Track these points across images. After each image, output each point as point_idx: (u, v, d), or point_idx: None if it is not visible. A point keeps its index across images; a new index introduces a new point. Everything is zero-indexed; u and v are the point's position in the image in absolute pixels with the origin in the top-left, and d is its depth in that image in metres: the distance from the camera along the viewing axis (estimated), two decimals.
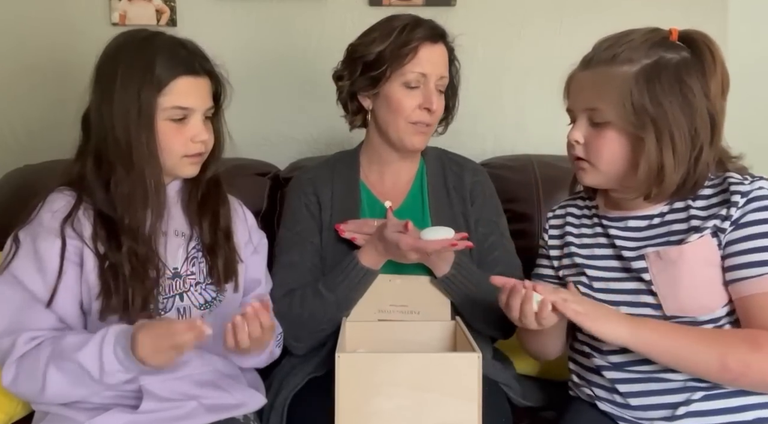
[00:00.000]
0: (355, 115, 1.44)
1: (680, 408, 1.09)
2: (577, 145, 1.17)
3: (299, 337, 1.35)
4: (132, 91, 1.12)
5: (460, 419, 1.06)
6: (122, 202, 1.14)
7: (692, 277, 1.09)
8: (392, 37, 1.33)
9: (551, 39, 1.96)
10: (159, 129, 1.14)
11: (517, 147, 1.96)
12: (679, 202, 1.15)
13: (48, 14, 1.92)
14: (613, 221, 1.21)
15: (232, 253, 1.26)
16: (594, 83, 1.14)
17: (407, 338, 1.26)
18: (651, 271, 1.12)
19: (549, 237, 1.32)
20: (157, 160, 1.15)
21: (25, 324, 1.11)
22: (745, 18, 1.93)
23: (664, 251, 1.12)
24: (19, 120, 1.97)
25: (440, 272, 1.31)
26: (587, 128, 1.15)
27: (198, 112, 1.18)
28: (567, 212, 1.32)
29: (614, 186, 1.18)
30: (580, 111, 1.16)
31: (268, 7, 1.93)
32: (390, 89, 1.35)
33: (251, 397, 1.25)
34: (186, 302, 1.21)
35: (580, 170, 1.19)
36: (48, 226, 1.14)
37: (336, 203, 1.42)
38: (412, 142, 1.38)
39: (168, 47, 1.16)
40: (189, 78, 1.16)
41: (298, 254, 1.39)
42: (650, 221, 1.17)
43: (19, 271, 1.12)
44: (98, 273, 1.13)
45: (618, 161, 1.13)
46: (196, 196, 1.26)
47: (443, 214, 1.42)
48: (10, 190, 1.66)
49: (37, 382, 1.08)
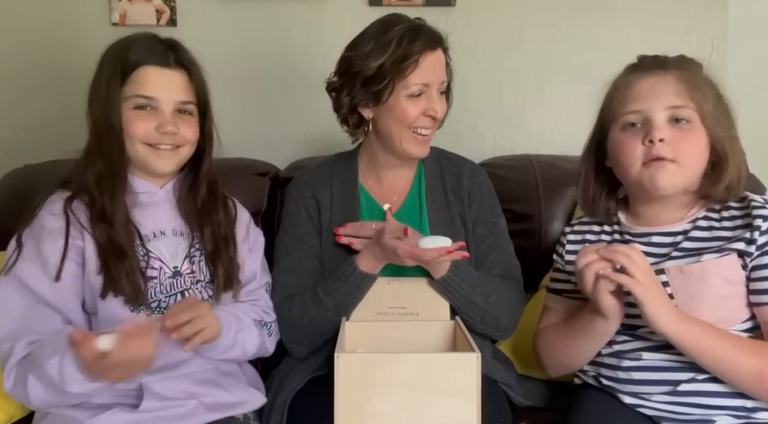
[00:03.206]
0: (357, 128, 1.41)
1: (682, 385, 1.11)
2: (663, 145, 1.13)
3: (299, 341, 1.35)
4: (104, 80, 1.18)
5: (459, 419, 1.06)
6: (94, 187, 1.18)
7: (713, 292, 1.12)
8: (391, 50, 1.30)
9: (551, 39, 1.96)
10: (124, 116, 1.18)
11: (517, 147, 1.96)
12: (702, 221, 1.18)
13: (48, 14, 1.92)
14: (636, 236, 1.23)
15: (232, 262, 1.27)
16: (678, 84, 1.16)
17: (407, 338, 1.27)
18: (672, 285, 1.14)
19: (566, 252, 1.32)
20: (121, 146, 1.18)
21: (29, 327, 1.11)
22: (745, 18, 1.93)
23: (687, 266, 1.14)
24: (19, 120, 1.97)
25: (438, 274, 1.31)
26: (669, 128, 1.15)
27: (165, 103, 1.19)
28: (586, 230, 1.33)
29: (690, 187, 1.18)
30: (660, 110, 1.15)
31: (268, 7, 1.93)
32: (393, 100, 1.33)
33: (251, 396, 1.26)
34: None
35: (660, 170, 1.14)
36: (50, 227, 1.15)
37: (335, 206, 1.42)
38: (415, 152, 1.37)
39: (144, 41, 1.21)
40: (154, 68, 1.18)
41: (297, 258, 1.39)
42: (674, 238, 1.19)
43: (23, 273, 1.13)
44: (97, 253, 1.15)
45: (701, 160, 1.16)
46: (195, 201, 1.27)
47: (441, 216, 1.41)
48: (10, 190, 1.66)
49: (24, 387, 1.09)
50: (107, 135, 1.17)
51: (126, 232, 1.17)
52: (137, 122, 1.18)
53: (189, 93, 1.22)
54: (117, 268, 1.14)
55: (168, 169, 1.23)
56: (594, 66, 1.96)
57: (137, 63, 1.18)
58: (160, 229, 1.23)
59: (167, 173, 1.25)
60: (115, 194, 1.17)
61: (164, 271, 1.20)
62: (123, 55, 1.18)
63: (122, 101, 1.17)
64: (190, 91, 1.23)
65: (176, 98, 1.21)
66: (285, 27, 1.94)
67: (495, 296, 1.34)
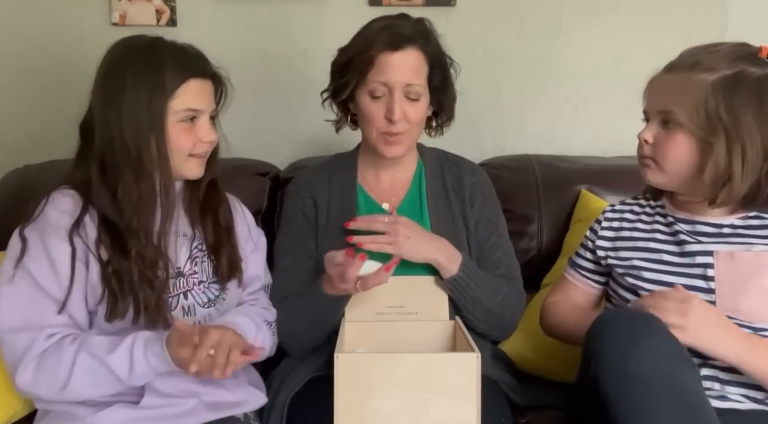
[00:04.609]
0: (338, 118, 1.45)
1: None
2: (645, 145, 1.20)
3: (290, 345, 1.36)
4: (143, 97, 1.14)
5: (458, 419, 1.06)
6: (131, 207, 1.15)
7: (760, 284, 1.12)
8: (356, 46, 1.33)
9: (551, 39, 1.96)
10: (170, 131, 1.16)
11: (517, 147, 1.96)
12: (753, 220, 1.18)
13: (48, 14, 1.92)
14: (680, 221, 1.24)
15: (234, 251, 1.29)
16: (672, 87, 1.17)
17: (406, 338, 1.27)
18: (717, 268, 1.15)
19: (602, 229, 1.33)
20: (168, 162, 1.17)
21: (39, 320, 1.11)
22: (745, 18, 1.93)
23: (738, 253, 1.14)
24: (19, 120, 1.97)
25: (448, 274, 1.31)
26: (658, 129, 1.18)
27: (206, 113, 1.21)
28: (626, 209, 1.34)
29: (678, 188, 1.21)
30: (655, 112, 1.19)
31: (268, 7, 1.93)
32: (360, 98, 1.35)
33: (252, 395, 1.26)
34: (190, 300, 1.22)
35: (645, 168, 1.22)
36: (56, 224, 1.14)
37: (333, 206, 1.42)
38: (383, 151, 1.36)
39: (174, 52, 1.19)
40: (198, 81, 1.18)
41: (293, 260, 1.40)
42: (720, 229, 1.19)
43: (31, 267, 1.12)
44: (101, 278, 1.13)
45: (683, 164, 1.16)
46: (197, 197, 1.28)
47: (442, 215, 1.41)
48: (10, 190, 1.66)
49: (61, 378, 1.09)
50: (154, 156, 1.14)
51: (159, 251, 1.16)
52: (186, 136, 1.18)
53: (215, 99, 1.25)
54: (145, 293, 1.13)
55: (201, 175, 1.25)
56: (594, 66, 1.96)
57: (182, 78, 1.16)
58: (171, 230, 1.22)
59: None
60: (162, 212, 1.17)
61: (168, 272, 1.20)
62: (160, 70, 1.14)
63: (168, 116, 1.16)
64: (215, 97, 1.25)
65: (212, 107, 1.23)
66: (285, 27, 1.94)
67: (500, 296, 1.35)
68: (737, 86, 1.10)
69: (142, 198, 1.15)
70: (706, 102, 1.11)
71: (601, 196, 1.70)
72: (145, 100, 1.14)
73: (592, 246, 1.34)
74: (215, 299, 1.25)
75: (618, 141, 1.90)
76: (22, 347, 1.10)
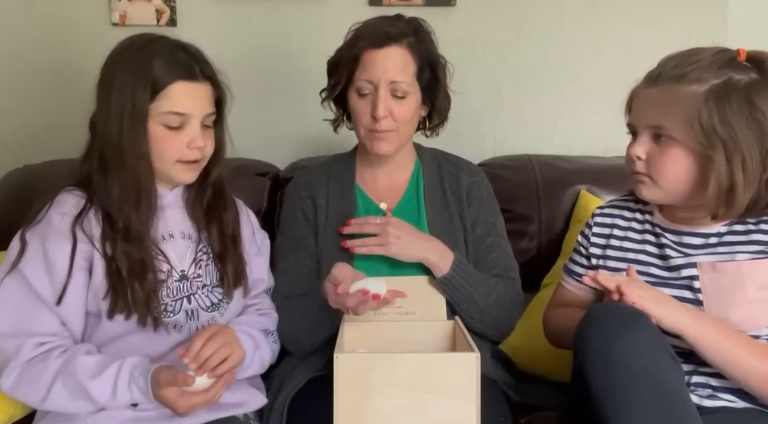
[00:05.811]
0: (336, 117, 1.46)
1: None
2: (638, 161, 1.17)
3: (291, 346, 1.37)
4: (127, 92, 1.13)
5: (458, 419, 1.06)
6: (114, 204, 1.14)
7: (745, 294, 1.11)
8: (345, 45, 1.35)
9: (551, 39, 1.96)
10: (151, 133, 1.14)
11: (517, 147, 1.96)
12: (738, 226, 1.16)
13: (48, 14, 1.92)
14: (666, 231, 1.22)
15: (240, 260, 1.28)
16: (661, 101, 1.14)
17: (406, 338, 1.26)
18: (702, 280, 1.14)
19: (593, 235, 1.32)
20: (148, 162, 1.15)
21: (28, 326, 1.11)
22: (745, 18, 1.92)
23: (720, 264, 1.14)
24: (19, 120, 1.97)
25: (439, 273, 1.31)
26: (650, 144, 1.16)
27: (195, 118, 1.17)
28: (616, 214, 1.31)
29: (676, 203, 1.19)
30: (644, 127, 1.17)
31: (268, 7, 1.93)
32: (349, 96, 1.36)
33: (252, 396, 1.26)
34: (194, 304, 1.22)
35: (639, 184, 1.19)
36: (57, 227, 1.14)
37: (331, 206, 1.42)
38: (371, 148, 1.37)
39: (168, 50, 1.16)
40: (186, 83, 1.15)
41: (293, 259, 1.40)
42: (706, 239, 1.18)
43: (27, 271, 1.12)
44: (105, 273, 1.13)
45: (682, 179, 1.14)
46: (201, 202, 1.27)
47: (439, 214, 1.41)
48: (10, 190, 1.66)
49: (40, 391, 1.09)
50: (133, 153, 1.13)
51: (144, 251, 1.15)
52: (169, 142, 1.15)
53: (212, 104, 1.21)
54: (133, 288, 1.13)
55: (192, 180, 1.23)
56: (594, 66, 1.96)
57: (169, 79, 1.13)
58: (168, 231, 1.23)
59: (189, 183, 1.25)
60: (141, 211, 1.15)
61: (172, 274, 1.20)
62: (147, 66, 1.13)
63: (151, 116, 1.14)
64: (212, 102, 1.21)
65: (205, 112, 1.19)
66: (285, 27, 1.94)
67: (495, 296, 1.35)
68: (728, 96, 1.08)
69: (122, 196, 1.14)
70: (700, 116, 1.08)
71: (601, 196, 1.70)
72: (129, 96, 1.12)
73: (585, 253, 1.32)
74: (219, 303, 1.25)
75: (618, 141, 1.87)
76: (8, 352, 1.10)
